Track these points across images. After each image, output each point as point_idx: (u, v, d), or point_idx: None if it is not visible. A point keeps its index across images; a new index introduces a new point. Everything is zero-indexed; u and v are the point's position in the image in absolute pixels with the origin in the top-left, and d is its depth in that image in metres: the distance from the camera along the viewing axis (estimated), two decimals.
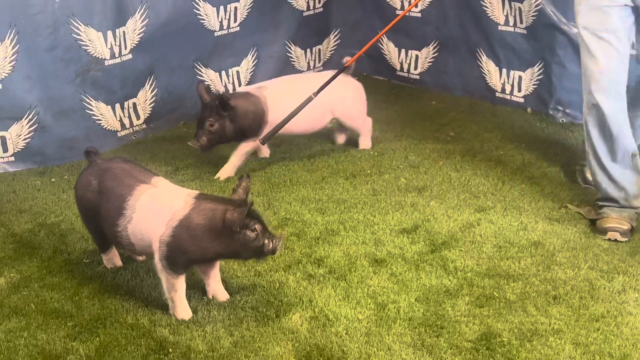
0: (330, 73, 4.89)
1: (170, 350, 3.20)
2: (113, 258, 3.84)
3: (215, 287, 3.59)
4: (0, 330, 3.36)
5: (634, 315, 3.33)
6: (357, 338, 3.23)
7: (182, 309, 3.44)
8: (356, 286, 3.61)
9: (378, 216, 4.28)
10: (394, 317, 3.36)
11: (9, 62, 4.84)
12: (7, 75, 4.85)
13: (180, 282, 3.43)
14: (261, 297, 3.54)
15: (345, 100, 5.09)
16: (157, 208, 3.43)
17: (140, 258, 3.88)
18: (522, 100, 5.87)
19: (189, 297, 3.50)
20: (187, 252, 3.35)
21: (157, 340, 3.25)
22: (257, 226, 3.29)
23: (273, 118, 4.78)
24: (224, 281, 3.63)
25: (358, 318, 3.36)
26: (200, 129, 4.66)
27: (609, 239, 3.94)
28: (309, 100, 4.65)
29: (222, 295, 3.59)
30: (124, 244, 3.56)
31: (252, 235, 3.28)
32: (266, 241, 3.30)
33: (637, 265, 3.71)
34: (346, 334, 3.26)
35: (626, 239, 3.94)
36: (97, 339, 3.28)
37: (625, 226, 3.96)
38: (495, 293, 3.50)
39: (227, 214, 3.26)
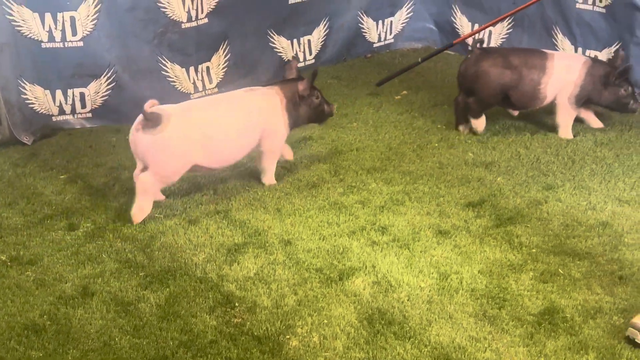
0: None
1: (236, 304, 3.30)
2: None
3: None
4: (76, 276, 3.52)
5: None
6: (418, 305, 3.27)
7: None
8: (419, 255, 3.64)
9: (444, 189, 4.29)
10: (456, 287, 3.38)
11: (91, 21, 4.98)
12: (88, 33, 5.00)
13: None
14: (325, 260, 3.61)
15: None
16: None
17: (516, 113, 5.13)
18: None
19: (257, 255, 3.63)
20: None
21: (224, 294, 3.36)
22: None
23: None
24: (289, 242, 3.73)
25: (420, 286, 3.40)
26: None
27: None
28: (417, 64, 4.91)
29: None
30: None
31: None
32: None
33: None
34: (408, 300, 3.31)
35: None
36: (167, 289, 3.41)
37: None
38: (560, 270, 3.49)
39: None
